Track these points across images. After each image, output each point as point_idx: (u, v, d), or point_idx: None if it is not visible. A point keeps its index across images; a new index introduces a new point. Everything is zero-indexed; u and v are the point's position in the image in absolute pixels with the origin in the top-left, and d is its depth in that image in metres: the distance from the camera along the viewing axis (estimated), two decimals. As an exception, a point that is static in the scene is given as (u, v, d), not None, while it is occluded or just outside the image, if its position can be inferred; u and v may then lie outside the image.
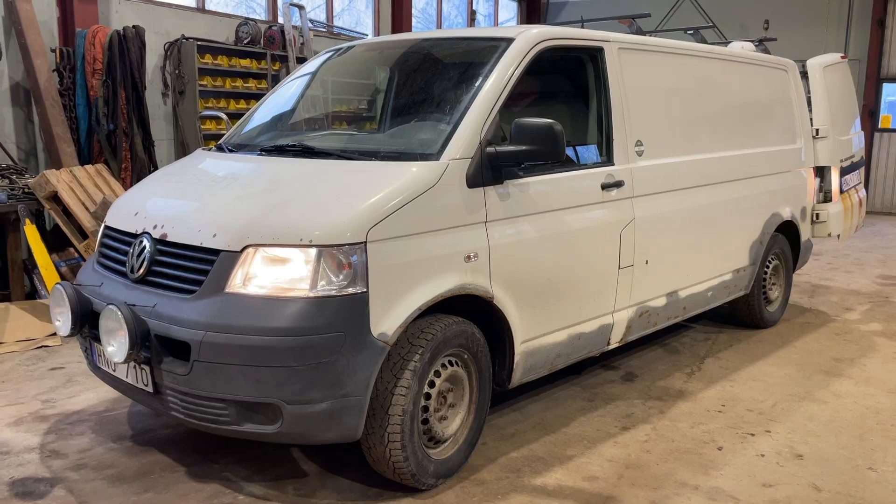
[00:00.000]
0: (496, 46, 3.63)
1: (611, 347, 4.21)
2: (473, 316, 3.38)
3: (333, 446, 3.55)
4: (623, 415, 4.05)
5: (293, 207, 3.00)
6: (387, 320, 2.91)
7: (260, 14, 9.89)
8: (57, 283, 3.28)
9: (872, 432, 3.87)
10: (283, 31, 9.12)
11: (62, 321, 3.24)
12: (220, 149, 4.00)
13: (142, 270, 3.13)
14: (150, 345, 2.93)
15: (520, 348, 3.54)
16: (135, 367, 3.05)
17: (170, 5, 8.48)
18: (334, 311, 2.80)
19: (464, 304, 3.29)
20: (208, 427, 2.97)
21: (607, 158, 4.01)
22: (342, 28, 11.00)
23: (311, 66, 4.53)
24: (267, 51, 9.04)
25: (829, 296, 6.81)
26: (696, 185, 4.64)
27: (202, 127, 7.76)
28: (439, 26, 13.38)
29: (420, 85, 3.97)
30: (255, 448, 3.59)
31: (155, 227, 3.18)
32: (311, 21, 10.03)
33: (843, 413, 4.11)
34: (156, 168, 7.58)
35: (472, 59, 3.73)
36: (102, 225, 3.65)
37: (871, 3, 12.42)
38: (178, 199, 3.42)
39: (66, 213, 6.01)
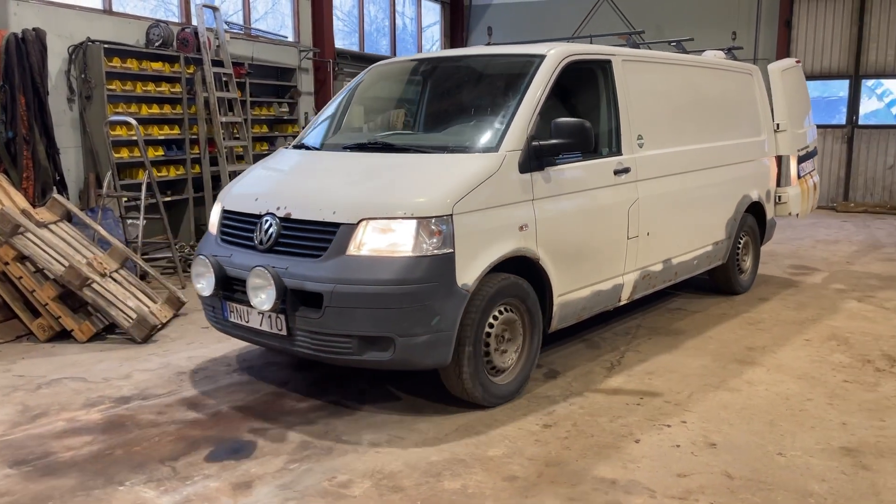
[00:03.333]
0: (532, 61, 4.52)
1: (621, 303, 5.09)
2: (522, 274, 4.18)
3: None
4: (545, 412, 4.06)
5: (394, 190, 3.93)
6: (467, 274, 3.80)
7: (175, 16, 9.57)
8: (200, 254, 4.15)
9: (782, 418, 3.99)
10: (196, 34, 8.85)
11: (205, 284, 4.11)
12: (298, 147, 4.92)
13: (270, 242, 3.96)
14: (285, 298, 3.74)
15: (557, 300, 4.41)
16: (270, 316, 3.86)
17: (73, 7, 8.09)
18: (430, 266, 3.68)
19: (515, 264, 4.12)
20: (334, 359, 3.83)
21: (617, 149, 4.91)
22: (259, 30, 10.76)
23: (362, 77, 5.35)
24: (180, 53, 8.74)
25: (744, 286, 7.02)
26: (684, 171, 5.57)
27: (111, 133, 7.41)
28: (361, 27, 13.27)
29: (474, 92, 4.90)
30: (164, 466, 3.44)
31: (278, 208, 4.02)
32: (227, 23, 9.78)
33: (754, 400, 4.23)
34: (62, 176, 7.24)
35: (514, 70, 4.64)
36: (220, 209, 4.46)
37: (777, 4, 12.93)
38: (293, 186, 4.37)
39: (-39, 226, 5.64)
